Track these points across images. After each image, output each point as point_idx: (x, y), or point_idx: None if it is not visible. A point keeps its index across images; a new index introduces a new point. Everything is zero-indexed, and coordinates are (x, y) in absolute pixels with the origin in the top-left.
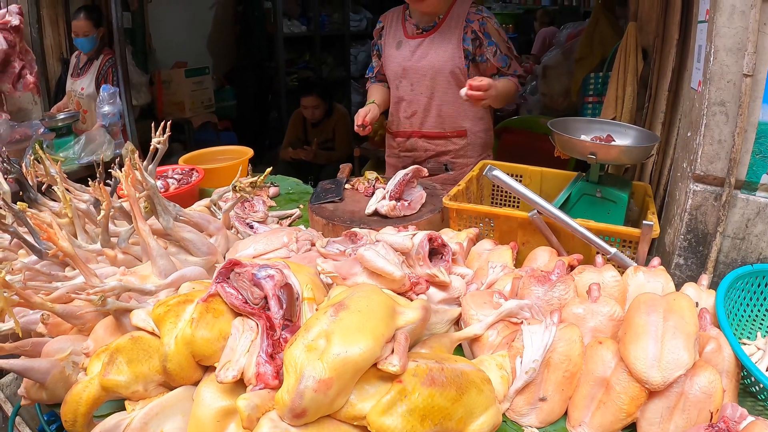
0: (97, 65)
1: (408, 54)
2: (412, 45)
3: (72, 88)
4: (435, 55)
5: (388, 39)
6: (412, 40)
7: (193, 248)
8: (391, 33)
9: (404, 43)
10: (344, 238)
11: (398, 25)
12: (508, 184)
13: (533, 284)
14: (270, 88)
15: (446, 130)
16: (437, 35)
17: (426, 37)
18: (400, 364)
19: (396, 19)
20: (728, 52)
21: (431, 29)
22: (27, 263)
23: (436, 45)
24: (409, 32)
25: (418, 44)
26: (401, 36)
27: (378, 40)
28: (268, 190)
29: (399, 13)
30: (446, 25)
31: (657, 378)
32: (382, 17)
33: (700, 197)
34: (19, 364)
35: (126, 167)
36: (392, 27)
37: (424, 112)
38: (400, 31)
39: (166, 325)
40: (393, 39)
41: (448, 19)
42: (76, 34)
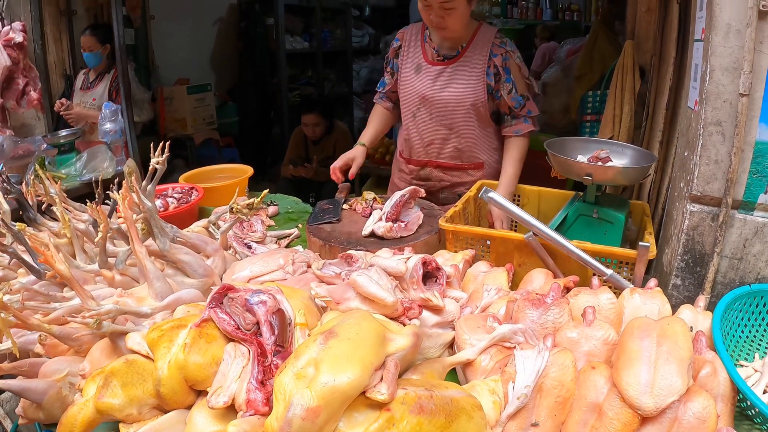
0: (108, 78)
1: (428, 82)
2: (433, 72)
3: (82, 100)
4: (457, 87)
5: (406, 60)
6: (432, 67)
7: (190, 270)
8: (409, 54)
9: (424, 68)
10: (340, 261)
11: (417, 46)
12: (503, 206)
13: (528, 308)
14: (272, 104)
15: (463, 162)
16: (460, 65)
17: (448, 66)
18: (388, 392)
19: (415, 39)
20: (724, 72)
21: (454, 57)
22: (25, 283)
23: (459, 75)
24: (429, 57)
25: (440, 72)
26: (420, 59)
27: (394, 58)
28: (267, 210)
29: (418, 33)
30: (469, 55)
31: (649, 404)
32: (399, 34)
33: (697, 217)
34: (16, 385)
35: (123, 189)
36: (411, 47)
37: (442, 143)
38: (419, 54)
39: (159, 349)
40: (411, 61)
41: (471, 49)
42: (83, 48)
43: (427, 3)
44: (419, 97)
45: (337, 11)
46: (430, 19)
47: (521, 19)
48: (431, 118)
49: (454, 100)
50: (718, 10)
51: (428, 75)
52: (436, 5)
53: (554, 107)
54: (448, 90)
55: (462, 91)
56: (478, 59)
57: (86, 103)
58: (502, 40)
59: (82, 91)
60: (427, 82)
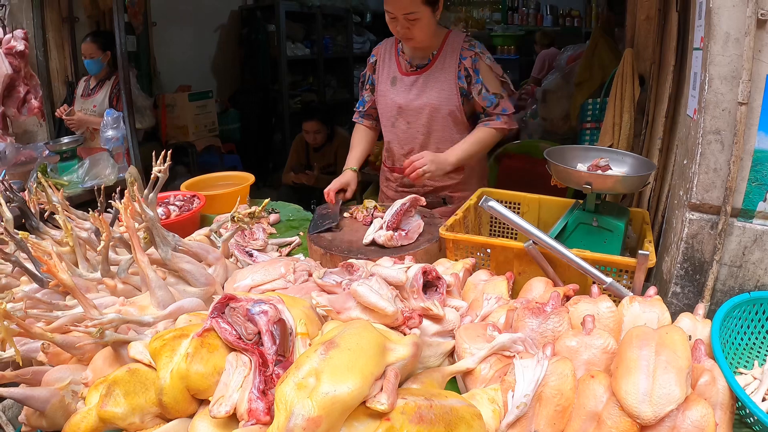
0: (108, 85)
1: (403, 91)
2: (407, 82)
3: (83, 107)
4: (431, 94)
5: (381, 74)
6: (407, 77)
7: (192, 279)
8: (385, 68)
9: (399, 79)
10: (341, 269)
11: (392, 60)
12: (503, 214)
13: (527, 316)
14: (274, 111)
15: None
16: (432, 72)
17: (421, 74)
18: (388, 402)
19: (389, 54)
20: (723, 80)
21: (425, 66)
22: (28, 292)
23: (432, 82)
24: (403, 68)
25: (414, 81)
26: (395, 71)
27: (372, 74)
28: (268, 218)
29: (392, 46)
30: (440, 62)
31: (648, 413)
32: (375, 50)
33: (697, 226)
34: (19, 393)
35: (125, 199)
36: (386, 62)
37: (421, 149)
38: (394, 67)
39: (162, 359)
40: (387, 75)
41: (442, 56)
42: (84, 55)
43: (392, 15)
44: (396, 107)
45: (338, 18)
46: (397, 31)
47: (522, 25)
48: (409, 126)
49: (429, 107)
50: (717, 19)
51: (403, 85)
52: (401, 17)
53: (555, 114)
54: (422, 98)
55: (436, 97)
56: (449, 65)
57: (87, 110)
58: (470, 43)
59: (82, 98)
60: (403, 93)
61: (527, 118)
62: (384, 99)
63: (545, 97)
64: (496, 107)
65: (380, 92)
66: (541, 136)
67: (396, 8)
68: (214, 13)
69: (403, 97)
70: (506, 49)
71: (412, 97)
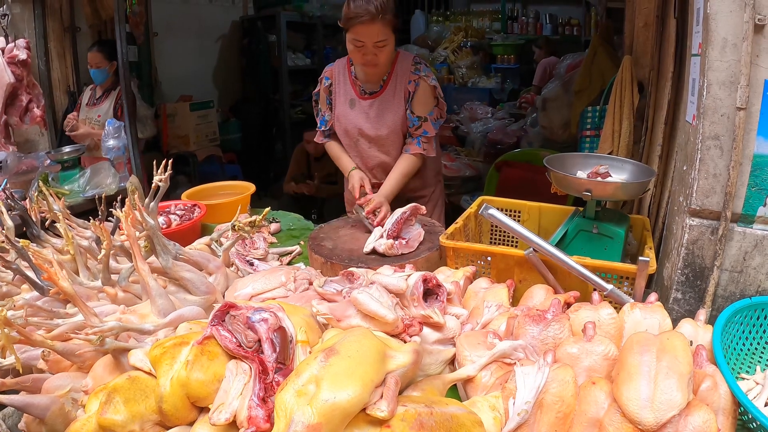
0: (114, 95)
1: (362, 114)
2: (365, 105)
3: (87, 116)
4: (387, 117)
5: (338, 96)
6: (363, 101)
7: (192, 287)
8: (340, 90)
9: (357, 102)
10: (341, 278)
11: (347, 83)
12: (503, 222)
13: (528, 324)
14: (274, 120)
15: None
16: (385, 97)
17: (375, 98)
18: (388, 409)
19: (343, 76)
20: (721, 86)
21: (378, 92)
22: (29, 299)
23: (386, 107)
24: (359, 92)
25: (370, 105)
26: (353, 94)
27: (327, 95)
28: (269, 227)
29: (344, 69)
30: (391, 88)
31: (650, 419)
32: (327, 72)
33: (697, 231)
34: (19, 400)
35: (126, 207)
36: (340, 83)
37: (382, 166)
38: (350, 89)
39: (162, 366)
40: (344, 96)
41: (393, 81)
42: (90, 65)
43: (360, 44)
44: (357, 129)
45: (338, 28)
46: (363, 58)
47: (521, 35)
48: (370, 147)
49: (387, 130)
50: (714, 24)
51: (361, 108)
52: (371, 45)
53: (554, 122)
54: (380, 122)
55: (392, 120)
56: (399, 89)
57: (92, 119)
58: (416, 66)
59: (87, 107)
60: (362, 116)
61: (527, 126)
62: (343, 120)
63: (545, 105)
64: (417, 129)
65: (339, 114)
66: (540, 144)
67: (368, 37)
68: (215, 24)
69: (362, 120)
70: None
71: (372, 121)
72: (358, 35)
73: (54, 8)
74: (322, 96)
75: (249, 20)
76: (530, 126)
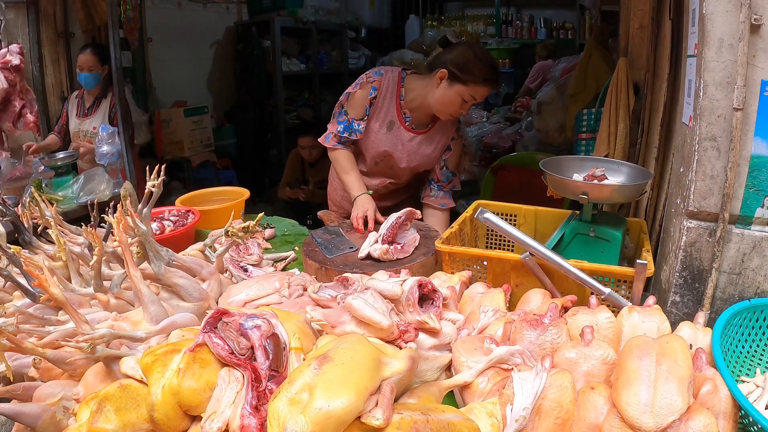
0: (107, 104)
1: (397, 143)
2: (404, 136)
3: (80, 128)
4: (423, 154)
5: (378, 112)
6: (405, 131)
7: (185, 294)
8: (383, 108)
9: (396, 126)
10: (336, 284)
11: (392, 103)
12: (499, 226)
13: (525, 328)
14: (269, 126)
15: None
16: (429, 136)
17: (418, 135)
18: (383, 417)
19: (390, 95)
20: (717, 87)
21: (424, 131)
22: (20, 306)
23: (426, 144)
24: (402, 119)
25: (411, 139)
26: (394, 116)
27: (369, 106)
28: (263, 233)
29: (394, 89)
30: (436, 131)
31: (650, 424)
32: (376, 83)
33: (695, 234)
34: (9, 408)
35: (118, 213)
36: (385, 101)
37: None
38: (393, 112)
39: (153, 374)
40: (384, 116)
41: (439, 128)
42: (80, 68)
43: (470, 100)
44: (384, 153)
45: (333, 33)
46: (458, 112)
47: (516, 39)
48: (391, 171)
49: (415, 166)
50: (710, 25)
51: (399, 137)
52: (475, 101)
53: (550, 126)
54: (415, 155)
55: (424, 160)
56: (443, 138)
57: (86, 131)
58: (458, 125)
59: (78, 119)
60: (397, 144)
61: (522, 130)
62: (374, 138)
63: (540, 108)
64: (449, 183)
65: (372, 130)
66: (536, 147)
67: (481, 98)
68: (209, 29)
69: (396, 148)
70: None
71: (405, 153)
72: (476, 94)
73: (48, 14)
74: (359, 101)
75: (243, 26)
76: (525, 130)
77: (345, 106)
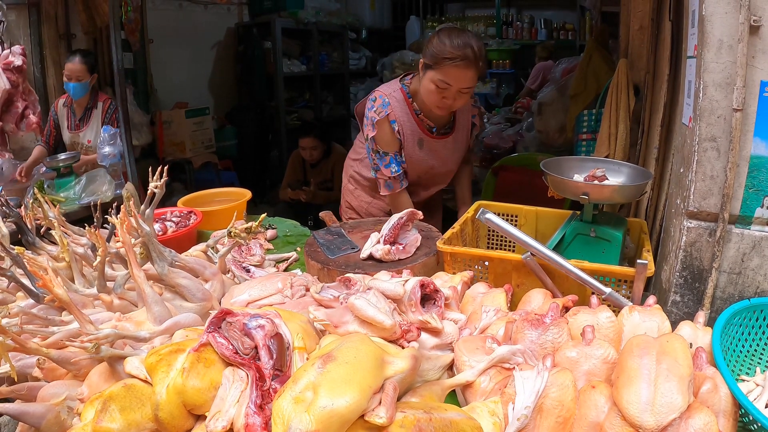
0: (98, 114)
1: (432, 154)
2: (437, 145)
3: (74, 141)
4: (456, 153)
5: (406, 138)
6: (433, 140)
7: (188, 294)
8: (407, 131)
9: (425, 141)
10: (338, 284)
11: (411, 122)
12: (500, 226)
13: (526, 328)
14: (270, 127)
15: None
16: (456, 136)
17: (448, 138)
18: (387, 415)
19: (406, 116)
20: (717, 87)
21: (449, 132)
22: (24, 307)
23: (455, 145)
24: (426, 130)
25: (443, 145)
26: (420, 133)
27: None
28: (265, 233)
29: (405, 108)
30: (460, 125)
31: (650, 422)
32: (391, 115)
33: (695, 234)
34: (14, 408)
35: (121, 214)
36: (406, 125)
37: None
38: (416, 128)
39: (158, 374)
40: (411, 136)
41: (460, 119)
42: (68, 77)
43: (445, 86)
44: (428, 168)
45: (334, 34)
46: (441, 102)
47: (516, 40)
48: (431, 182)
49: (455, 162)
50: (710, 26)
51: (432, 149)
52: (456, 89)
53: (550, 126)
54: (451, 160)
55: (460, 156)
56: (465, 124)
57: (81, 144)
58: (474, 99)
59: (71, 132)
60: (433, 155)
61: (523, 131)
62: (413, 160)
63: (541, 109)
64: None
65: (409, 155)
66: (537, 148)
67: (457, 82)
68: (210, 31)
69: (433, 159)
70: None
71: (443, 160)
72: (447, 77)
73: (49, 15)
74: (388, 137)
75: (244, 27)
76: (526, 130)
77: (379, 149)
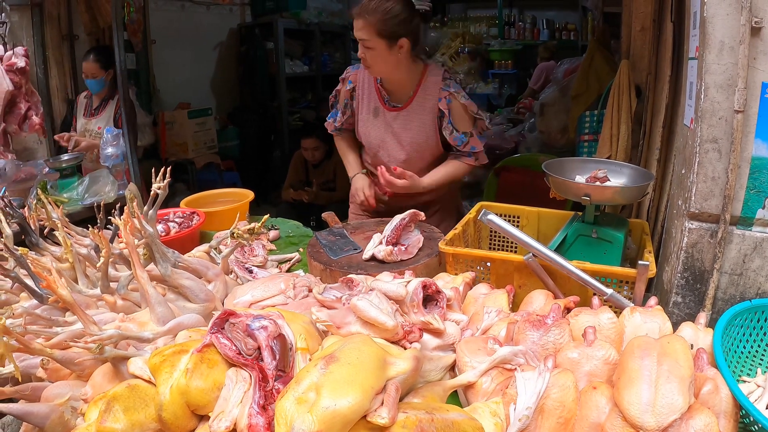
0: (113, 105)
1: (385, 126)
2: (389, 117)
3: (86, 128)
4: (413, 130)
5: (362, 102)
6: (388, 112)
7: (191, 295)
8: (364, 97)
9: (381, 111)
10: (341, 285)
11: (371, 90)
12: (502, 227)
13: (528, 329)
14: (272, 128)
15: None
16: (412, 111)
17: (401, 111)
18: (389, 416)
19: (368, 83)
20: (719, 89)
21: (403, 106)
22: (27, 308)
23: (412, 119)
24: (384, 102)
25: (395, 117)
26: (377, 102)
27: (350, 100)
28: (268, 234)
29: (370, 78)
30: (419, 103)
31: (651, 423)
32: (351, 75)
33: (696, 235)
34: (18, 409)
35: (125, 215)
36: (365, 91)
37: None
38: (375, 97)
39: (161, 374)
40: (368, 104)
41: (420, 97)
42: (85, 75)
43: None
44: (380, 139)
45: (336, 35)
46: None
47: (519, 40)
48: (390, 158)
49: (410, 142)
50: (711, 28)
51: (385, 120)
52: (358, 39)
53: (552, 127)
54: (405, 134)
55: (417, 134)
56: (429, 104)
57: (92, 131)
58: (446, 82)
59: (85, 118)
60: (385, 128)
61: (525, 131)
62: (367, 129)
63: (543, 110)
64: (465, 145)
65: (363, 121)
66: (539, 149)
67: (356, 32)
68: (212, 31)
69: (385, 132)
70: (504, 64)
71: (395, 132)
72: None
73: (52, 16)
74: (341, 97)
75: (246, 27)
76: (528, 131)
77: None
